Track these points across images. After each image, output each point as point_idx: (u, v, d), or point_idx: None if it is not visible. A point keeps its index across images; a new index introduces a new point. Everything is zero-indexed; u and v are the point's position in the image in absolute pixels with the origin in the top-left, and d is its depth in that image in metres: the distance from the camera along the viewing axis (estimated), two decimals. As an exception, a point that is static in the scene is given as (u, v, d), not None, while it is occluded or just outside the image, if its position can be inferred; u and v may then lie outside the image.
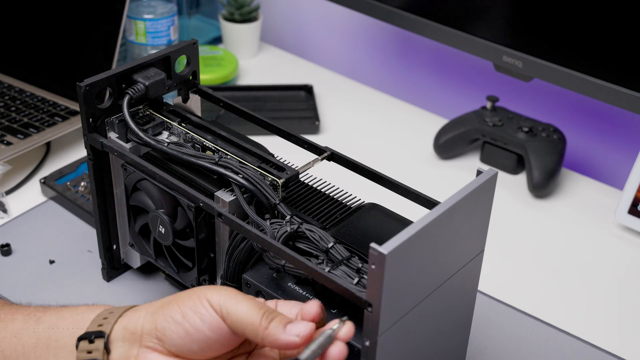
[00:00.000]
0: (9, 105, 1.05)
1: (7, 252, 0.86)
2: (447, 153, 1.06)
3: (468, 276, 0.65)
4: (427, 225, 0.55)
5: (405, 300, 0.57)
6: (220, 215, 0.65)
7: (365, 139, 1.10)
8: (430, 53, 1.24)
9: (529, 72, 0.97)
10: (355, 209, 0.71)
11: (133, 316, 0.58)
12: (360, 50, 1.33)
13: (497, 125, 1.03)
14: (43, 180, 0.94)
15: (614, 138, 1.10)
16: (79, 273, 0.84)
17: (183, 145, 0.72)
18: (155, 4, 1.16)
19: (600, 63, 0.91)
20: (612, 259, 0.91)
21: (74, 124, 1.02)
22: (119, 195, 0.77)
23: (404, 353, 0.60)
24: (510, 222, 0.96)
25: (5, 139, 0.98)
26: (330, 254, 0.60)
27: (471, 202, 0.60)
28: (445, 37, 1.03)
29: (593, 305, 0.85)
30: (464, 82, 1.22)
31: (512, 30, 0.99)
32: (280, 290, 0.64)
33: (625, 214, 0.94)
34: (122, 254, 0.82)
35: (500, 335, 0.80)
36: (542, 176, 0.98)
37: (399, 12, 1.06)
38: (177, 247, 0.73)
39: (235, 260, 0.66)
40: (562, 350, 0.78)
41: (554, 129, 1.03)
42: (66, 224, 0.91)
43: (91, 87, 0.71)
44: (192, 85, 0.79)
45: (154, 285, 0.83)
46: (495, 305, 0.83)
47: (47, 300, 0.80)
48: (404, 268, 0.55)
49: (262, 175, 0.68)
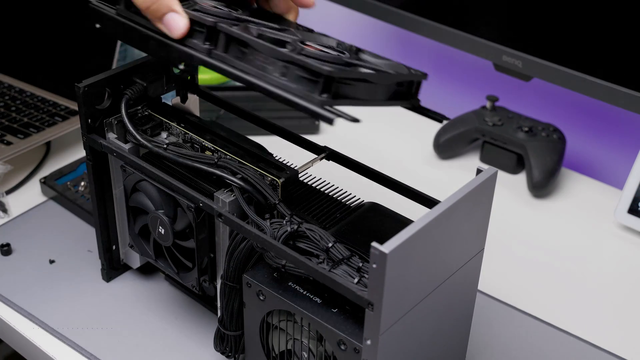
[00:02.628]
0: (9, 105, 1.05)
1: (7, 252, 0.86)
2: (447, 153, 1.06)
3: (468, 275, 0.65)
4: (427, 224, 0.55)
5: (406, 299, 0.57)
6: (220, 215, 0.65)
7: (365, 138, 1.10)
8: (430, 53, 1.24)
9: (528, 71, 0.97)
10: (355, 209, 0.71)
11: None
12: (360, 50, 1.33)
13: (497, 125, 1.03)
14: (43, 180, 0.94)
15: (614, 138, 1.10)
16: (79, 273, 0.84)
17: (182, 145, 0.72)
18: (155, 4, 1.16)
19: (600, 63, 0.91)
20: (612, 259, 0.91)
21: (74, 124, 1.02)
22: (118, 195, 0.77)
23: (404, 352, 0.60)
24: (510, 222, 0.96)
25: (5, 138, 0.98)
26: (331, 253, 0.60)
27: (471, 201, 0.60)
28: (445, 37, 1.03)
29: (593, 305, 0.85)
30: (464, 82, 1.22)
31: (512, 30, 0.99)
32: (281, 290, 0.64)
33: (624, 213, 0.94)
34: (121, 255, 0.82)
35: (500, 334, 0.80)
36: (542, 176, 0.98)
37: (399, 12, 1.06)
38: (177, 247, 0.73)
39: (235, 261, 0.66)
40: (562, 350, 0.78)
41: (554, 129, 1.03)
42: (66, 224, 0.91)
43: (90, 88, 0.71)
44: (190, 85, 0.79)
45: (154, 285, 0.83)
46: (495, 305, 0.83)
47: (47, 300, 0.80)
48: (405, 267, 0.55)
49: (262, 175, 0.68)
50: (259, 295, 0.65)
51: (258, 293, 0.65)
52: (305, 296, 0.63)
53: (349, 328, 0.60)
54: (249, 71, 0.59)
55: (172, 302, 0.81)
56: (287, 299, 0.63)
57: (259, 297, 0.65)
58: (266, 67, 0.58)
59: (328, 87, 0.55)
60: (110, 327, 0.78)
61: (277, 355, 0.67)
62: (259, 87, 0.57)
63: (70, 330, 0.77)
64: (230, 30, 0.60)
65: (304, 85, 0.56)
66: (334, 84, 0.55)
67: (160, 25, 0.62)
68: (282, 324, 0.65)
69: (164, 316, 0.79)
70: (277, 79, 0.57)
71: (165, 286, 0.83)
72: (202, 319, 0.79)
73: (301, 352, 0.64)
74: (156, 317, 0.79)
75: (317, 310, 0.62)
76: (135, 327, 0.78)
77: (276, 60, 0.58)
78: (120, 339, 0.77)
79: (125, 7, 0.66)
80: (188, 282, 0.73)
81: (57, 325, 0.78)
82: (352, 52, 0.62)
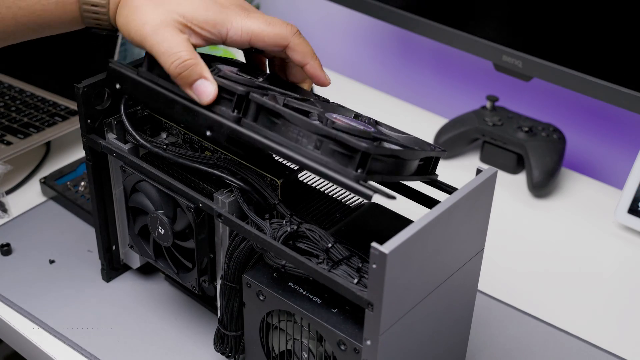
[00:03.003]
0: (9, 105, 1.05)
1: (7, 252, 0.86)
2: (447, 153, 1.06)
3: (468, 275, 0.65)
4: (427, 224, 0.55)
5: (406, 299, 0.57)
6: (219, 215, 0.65)
7: (365, 138, 1.10)
8: (430, 53, 1.24)
9: (528, 71, 0.97)
10: (355, 209, 0.71)
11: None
12: (361, 50, 1.33)
13: (497, 125, 1.03)
14: (43, 180, 0.94)
15: (614, 138, 1.10)
16: (79, 273, 0.84)
17: (181, 145, 0.72)
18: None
19: (600, 63, 0.91)
20: (612, 259, 0.91)
21: (74, 123, 1.02)
22: (118, 196, 0.77)
23: (404, 352, 0.60)
24: (510, 222, 0.96)
25: (5, 138, 0.98)
26: (331, 253, 0.60)
27: (471, 200, 0.60)
28: (445, 37, 1.03)
29: (593, 305, 0.85)
30: (464, 81, 1.22)
31: (512, 30, 0.99)
32: (281, 290, 0.64)
33: (625, 213, 0.94)
34: (121, 255, 0.82)
35: (500, 334, 0.80)
36: (542, 176, 0.98)
37: (399, 12, 1.06)
38: (176, 248, 0.73)
39: (235, 261, 0.66)
40: (562, 350, 0.78)
41: (554, 129, 1.03)
42: (66, 223, 0.91)
43: (89, 88, 0.71)
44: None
45: (154, 285, 0.83)
46: (495, 305, 0.83)
47: (47, 300, 0.80)
48: (405, 267, 0.55)
49: (261, 175, 0.68)
50: (258, 295, 0.65)
51: (258, 293, 0.65)
52: (305, 296, 0.63)
53: (349, 328, 0.60)
54: (281, 142, 0.59)
55: (172, 302, 0.81)
56: (287, 299, 0.63)
57: (258, 297, 0.65)
58: (299, 139, 0.59)
59: (364, 163, 0.56)
60: (110, 327, 0.78)
61: (277, 356, 0.67)
62: (293, 159, 0.58)
63: (70, 330, 0.77)
64: (262, 101, 0.60)
65: (338, 159, 0.57)
66: (370, 160, 0.56)
67: (190, 91, 0.63)
68: (282, 324, 0.65)
69: (164, 316, 0.79)
70: (311, 152, 0.58)
71: (165, 286, 0.83)
72: (202, 319, 0.79)
73: (301, 352, 0.64)
74: (156, 317, 0.79)
75: (317, 310, 0.62)
76: (135, 327, 0.78)
77: (309, 133, 0.58)
78: (120, 339, 0.77)
79: (147, 69, 0.66)
80: (188, 283, 0.73)
81: (57, 325, 0.78)
82: (373, 126, 0.64)
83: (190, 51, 0.62)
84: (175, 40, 0.62)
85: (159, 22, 0.62)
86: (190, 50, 0.62)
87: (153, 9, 0.63)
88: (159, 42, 0.62)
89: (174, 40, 0.62)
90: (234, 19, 0.64)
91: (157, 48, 0.62)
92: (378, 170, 0.58)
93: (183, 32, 0.63)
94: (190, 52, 0.62)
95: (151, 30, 0.62)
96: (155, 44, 0.62)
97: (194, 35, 0.64)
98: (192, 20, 0.63)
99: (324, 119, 0.59)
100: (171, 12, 0.63)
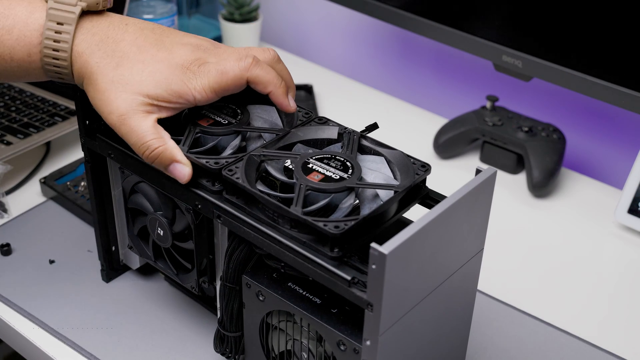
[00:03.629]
0: (9, 105, 1.05)
1: (7, 252, 0.86)
2: (446, 153, 1.06)
3: (468, 275, 0.65)
4: (427, 224, 0.55)
5: (406, 299, 0.57)
6: (219, 217, 0.65)
7: (365, 138, 1.10)
8: (430, 53, 1.24)
9: (528, 71, 0.97)
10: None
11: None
12: (360, 50, 1.33)
13: (496, 125, 1.03)
14: (43, 180, 0.94)
15: (614, 138, 1.10)
16: (79, 273, 0.84)
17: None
18: (155, 4, 1.16)
19: (600, 63, 0.91)
20: (612, 259, 0.91)
21: (74, 123, 1.02)
22: (117, 197, 0.77)
23: (404, 352, 0.60)
24: (510, 222, 0.96)
25: (5, 138, 0.98)
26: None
27: (471, 200, 0.60)
28: (445, 37, 1.03)
29: (593, 305, 0.85)
30: (464, 82, 1.22)
31: (512, 30, 0.99)
32: (281, 290, 0.64)
33: (625, 213, 0.94)
34: (121, 255, 0.82)
35: (500, 335, 0.80)
36: (542, 176, 0.98)
37: (399, 12, 1.06)
38: (175, 249, 0.73)
39: (234, 262, 0.66)
40: (562, 350, 0.78)
41: (554, 129, 1.03)
42: (66, 224, 0.91)
43: (90, 88, 0.71)
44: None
45: (154, 285, 0.83)
46: (495, 305, 0.83)
47: (47, 300, 0.80)
48: (405, 267, 0.55)
49: None
50: (258, 295, 0.65)
51: (258, 294, 0.65)
52: (305, 297, 0.63)
53: (349, 328, 0.60)
54: (261, 219, 0.62)
55: (172, 302, 0.81)
56: (287, 299, 0.63)
57: (258, 297, 0.65)
58: (276, 219, 0.61)
59: (337, 243, 0.58)
60: (110, 327, 0.78)
61: (277, 356, 0.67)
62: (271, 237, 0.61)
63: (70, 330, 0.77)
64: (233, 181, 0.62)
65: (315, 235, 0.60)
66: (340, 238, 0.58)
67: (168, 173, 0.65)
68: (281, 324, 0.65)
69: (164, 316, 0.79)
70: (289, 231, 0.60)
71: (165, 287, 0.83)
72: (201, 319, 0.79)
73: (301, 352, 0.64)
74: (156, 318, 0.79)
75: (317, 310, 0.62)
76: (134, 328, 0.78)
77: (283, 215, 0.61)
78: (120, 339, 0.77)
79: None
80: (187, 284, 0.73)
81: (57, 325, 0.78)
82: (353, 160, 0.64)
83: (158, 138, 0.63)
84: (142, 129, 0.63)
85: (123, 111, 0.62)
86: (158, 137, 0.63)
87: (117, 95, 0.63)
88: (128, 133, 0.63)
89: (140, 128, 0.63)
90: (195, 81, 0.64)
91: (127, 139, 0.64)
92: (355, 236, 0.60)
93: (151, 112, 0.63)
94: (158, 139, 0.63)
95: (118, 120, 0.63)
96: (125, 135, 0.63)
97: (163, 110, 0.64)
98: (156, 97, 0.63)
99: (300, 179, 0.61)
100: (135, 94, 0.63)
